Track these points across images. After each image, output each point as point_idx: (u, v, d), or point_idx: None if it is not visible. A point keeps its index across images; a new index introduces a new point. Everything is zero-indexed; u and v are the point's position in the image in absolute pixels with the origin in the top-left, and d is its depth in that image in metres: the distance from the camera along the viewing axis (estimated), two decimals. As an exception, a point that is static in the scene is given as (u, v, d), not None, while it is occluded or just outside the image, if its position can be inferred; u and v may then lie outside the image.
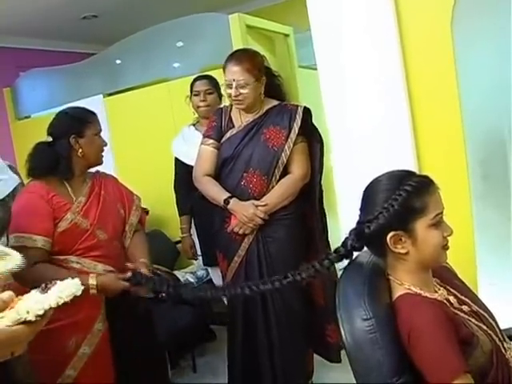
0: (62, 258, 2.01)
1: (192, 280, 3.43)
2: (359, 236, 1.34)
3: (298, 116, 2.40)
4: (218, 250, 2.57)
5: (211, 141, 2.49)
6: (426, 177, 1.34)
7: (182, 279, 3.36)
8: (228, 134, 2.47)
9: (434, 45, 1.99)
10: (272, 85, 2.51)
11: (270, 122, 2.42)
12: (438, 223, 1.29)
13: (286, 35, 4.03)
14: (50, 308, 0.96)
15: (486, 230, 2.09)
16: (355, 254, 1.40)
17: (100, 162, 2.18)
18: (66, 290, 1.01)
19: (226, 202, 2.38)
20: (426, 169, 1.98)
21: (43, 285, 1.01)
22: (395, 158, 2.01)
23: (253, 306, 2.42)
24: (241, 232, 2.39)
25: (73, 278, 1.69)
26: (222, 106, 2.81)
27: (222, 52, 3.46)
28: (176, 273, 3.43)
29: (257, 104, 2.43)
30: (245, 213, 2.34)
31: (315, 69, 2.25)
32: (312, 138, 2.47)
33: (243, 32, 3.48)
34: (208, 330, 3.55)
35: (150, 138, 3.90)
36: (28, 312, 0.93)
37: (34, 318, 0.94)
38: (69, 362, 1.96)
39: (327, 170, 2.52)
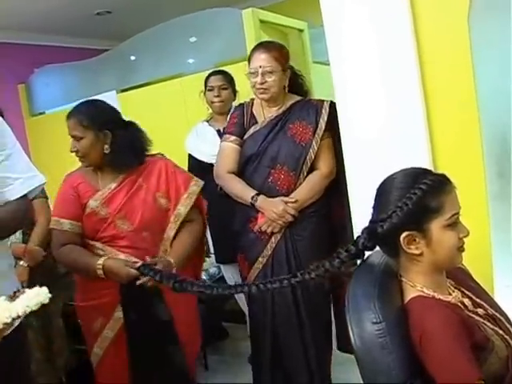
0: (90, 242, 2.09)
1: (204, 277, 3.41)
2: (371, 235, 1.30)
3: (324, 111, 2.36)
4: (239, 251, 2.50)
5: (233, 137, 2.44)
6: (442, 175, 1.30)
7: (194, 276, 3.35)
8: (251, 131, 2.42)
9: (449, 41, 1.95)
10: (295, 81, 2.47)
11: (294, 117, 2.37)
12: (453, 224, 1.25)
13: (301, 30, 4.00)
14: (18, 316, 0.97)
15: (503, 229, 2.04)
16: (367, 253, 1.36)
17: (86, 165, 2.12)
18: (33, 298, 1.02)
19: (254, 199, 2.32)
20: (440, 166, 1.94)
21: (12, 293, 1.02)
22: (409, 155, 1.97)
23: (282, 307, 2.36)
24: (269, 230, 2.33)
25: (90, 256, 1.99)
26: (236, 102, 2.79)
27: (235, 47, 3.46)
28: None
29: (280, 97, 2.38)
30: (274, 209, 2.28)
31: (329, 64, 2.22)
32: (337, 133, 2.38)
33: (257, 27, 3.46)
34: (220, 328, 3.54)
35: (163, 134, 3.86)
36: None
37: (0, 326, 0.94)
38: (96, 340, 2.10)
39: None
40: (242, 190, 2.37)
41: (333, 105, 2.34)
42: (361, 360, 1.20)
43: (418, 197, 1.23)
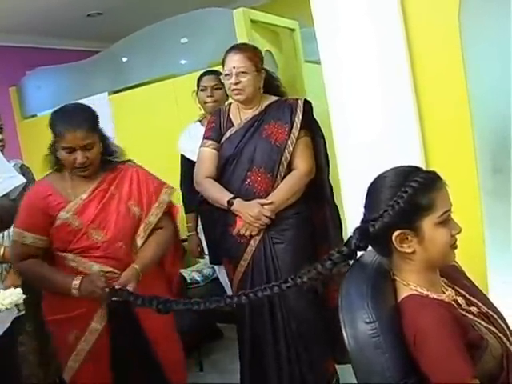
0: (60, 254, 2.01)
1: (198, 278, 3.41)
2: (363, 235, 1.29)
3: (298, 109, 2.34)
4: (223, 255, 2.50)
5: (210, 142, 2.43)
6: (432, 172, 1.29)
7: (188, 278, 3.34)
8: (228, 134, 2.41)
9: (440, 37, 1.95)
10: (271, 83, 2.46)
11: (270, 117, 2.36)
12: (445, 221, 1.24)
13: (292, 30, 3.99)
14: None
15: (497, 225, 2.04)
16: (359, 253, 1.35)
17: (77, 174, 2.00)
18: (7, 298, 1.05)
19: (230, 203, 2.30)
20: (433, 163, 1.94)
21: None
22: (401, 152, 1.97)
23: (259, 315, 2.33)
24: (247, 234, 2.31)
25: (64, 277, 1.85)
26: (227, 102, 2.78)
27: (226, 47, 3.43)
28: (182, 271, 3.40)
29: (255, 99, 2.38)
30: (250, 212, 2.26)
31: (321, 64, 2.21)
32: (314, 132, 2.41)
33: (248, 27, 3.44)
34: (215, 329, 3.53)
35: (156, 136, 3.88)
36: None
37: None
38: (71, 353, 1.99)
39: (332, 166, 2.45)
40: (218, 195, 2.36)
41: (308, 103, 2.36)
42: (354, 360, 1.19)
43: (409, 195, 1.22)
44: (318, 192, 2.42)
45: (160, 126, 3.85)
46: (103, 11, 5.03)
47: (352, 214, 2.08)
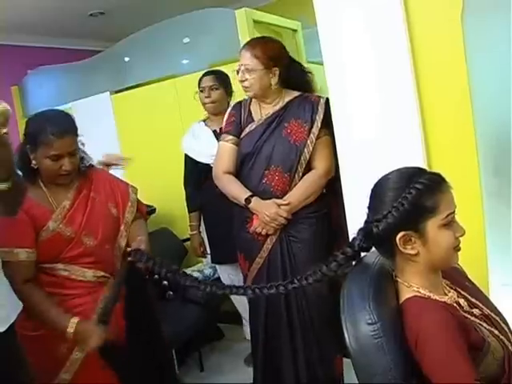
0: (47, 266, 1.92)
1: (199, 278, 3.40)
2: (367, 236, 1.30)
3: (320, 108, 2.30)
4: (238, 250, 2.49)
5: (230, 137, 2.40)
6: (437, 174, 1.29)
7: (189, 277, 3.34)
8: (247, 129, 2.37)
9: (443, 38, 1.95)
10: (298, 77, 2.40)
11: (291, 114, 2.31)
12: (449, 223, 1.24)
13: (294, 30, 3.98)
14: None
15: (499, 228, 2.04)
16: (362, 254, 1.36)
17: (58, 182, 1.95)
18: None
19: (247, 201, 2.29)
20: (435, 165, 1.93)
21: None
22: (403, 154, 1.96)
23: (275, 308, 2.33)
24: (263, 232, 2.30)
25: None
26: (232, 102, 2.76)
27: (229, 48, 3.44)
28: (183, 271, 3.40)
29: (272, 94, 2.34)
30: (267, 212, 2.25)
31: (323, 64, 2.21)
32: (332, 130, 2.32)
33: (250, 27, 3.43)
34: (215, 329, 3.53)
35: (158, 135, 3.88)
36: None
37: None
38: (62, 366, 1.92)
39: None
40: (236, 192, 2.34)
41: (328, 101, 2.28)
42: (356, 361, 1.19)
43: (414, 196, 1.22)
44: (336, 190, 2.34)
45: (162, 126, 3.85)
46: (105, 11, 5.02)
47: (352, 212, 2.08)
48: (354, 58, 2.06)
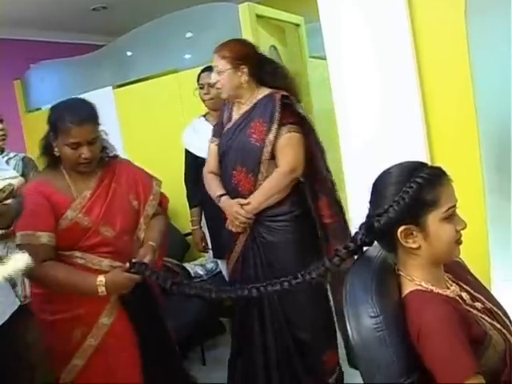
0: (66, 253, 1.95)
1: (201, 272, 3.42)
2: (369, 230, 1.30)
3: (277, 105, 2.27)
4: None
5: (214, 138, 2.48)
6: (438, 168, 1.29)
7: (191, 272, 3.35)
8: (225, 130, 2.42)
9: (446, 35, 1.95)
10: (270, 73, 2.38)
11: (257, 114, 2.31)
12: (450, 217, 1.24)
13: (297, 25, 3.98)
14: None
15: (501, 223, 2.04)
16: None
17: (79, 170, 1.97)
18: (20, 261, 1.16)
19: (217, 199, 2.37)
20: (437, 160, 1.94)
21: None
22: (406, 149, 1.97)
23: (249, 310, 2.36)
24: (234, 230, 2.35)
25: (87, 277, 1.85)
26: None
27: (231, 42, 3.45)
28: (185, 265, 3.41)
29: (246, 94, 2.35)
30: (229, 211, 2.31)
31: (326, 59, 2.21)
32: (301, 124, 2.31)
33: (253, 22, 3.44)
34: (218, 323, 3.54)
35: (160, 130, 3.88)
36: None
37: None
38: (74, 352, 1.94)
39: (336, 161, 2.41)
40: (213, 190, 2.42)
41: (287, 98, 2.28)
42: (359, 354, 1.20)
43: (415, 190, 1.23)
44: (312, 184, 2.37)
45: (164, 121, 3.86)
46: (108, 5, 5.02)
47: (356, 209, 2.09)
48: (356, 53, 2.06)
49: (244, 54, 2.33)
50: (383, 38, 2.00)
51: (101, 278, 1.86)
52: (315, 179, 2.36)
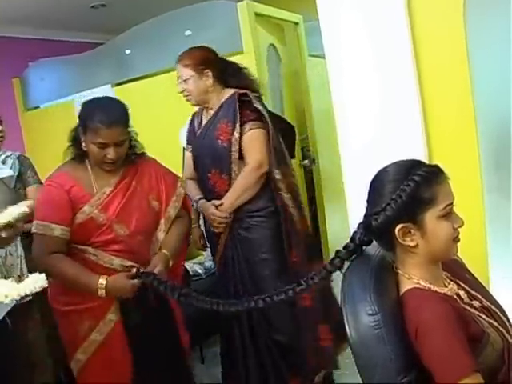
0: (80, 247, 1.97)
1: (200, 271, 3.42)
2: (367, 229, 1.31)
3: (236, 105, 2.32)
4: None
5: (189, 145, 2.55)
6: (434, 166, 1.30)
7: (190, 270, 3.35)
8: (197, 134, 2.49)
9: (445, 35, 1.95)
10: (233, 75, 2.44)
11: (222, 115, 2.37)
12: (447, 214, 1.25)
13: (296, 24, 3.98)
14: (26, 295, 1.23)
15: (499, 221, 2.04)
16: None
17: (104, 168, 2.00)
18: (38, 282, 1.20)
19: (196, 203, 2.43)
20: (436, 159, 1.94)
21: (17, 276, 1.22)
22: (404, 147, 1.97)
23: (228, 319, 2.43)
24: (216, 231, 2.41)
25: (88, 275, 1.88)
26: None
27: (230, 41, 3.44)
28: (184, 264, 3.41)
29: (212, 98, 2.40)
30: (206, 213, 2.38)
31: (325, 58, 2.20)
32: (263, 120, 2.35)
33: (252, 20, 3.43)
34: (217, 322, 3.53)
35: (159, 128, 3.87)
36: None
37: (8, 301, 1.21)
38: (79, 345, 1.97)
39: (335, 161, 2.43)
40: (192, 194, 2.47)
41: (245, 95, 2.32)
42: (356, 352, 1.20)
43: (412, 188, 1.23)
44: (279, 184, 2.38)
45: (163, 119, 3.85)
46: (107, 3, 5.00)
47: (355, 211, 2.08)
48: (355, 52, 2.06)
49: (205, 59, 2.39)
50: (382, 38, 2.00)
51: (102, 281, 1.88)
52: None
